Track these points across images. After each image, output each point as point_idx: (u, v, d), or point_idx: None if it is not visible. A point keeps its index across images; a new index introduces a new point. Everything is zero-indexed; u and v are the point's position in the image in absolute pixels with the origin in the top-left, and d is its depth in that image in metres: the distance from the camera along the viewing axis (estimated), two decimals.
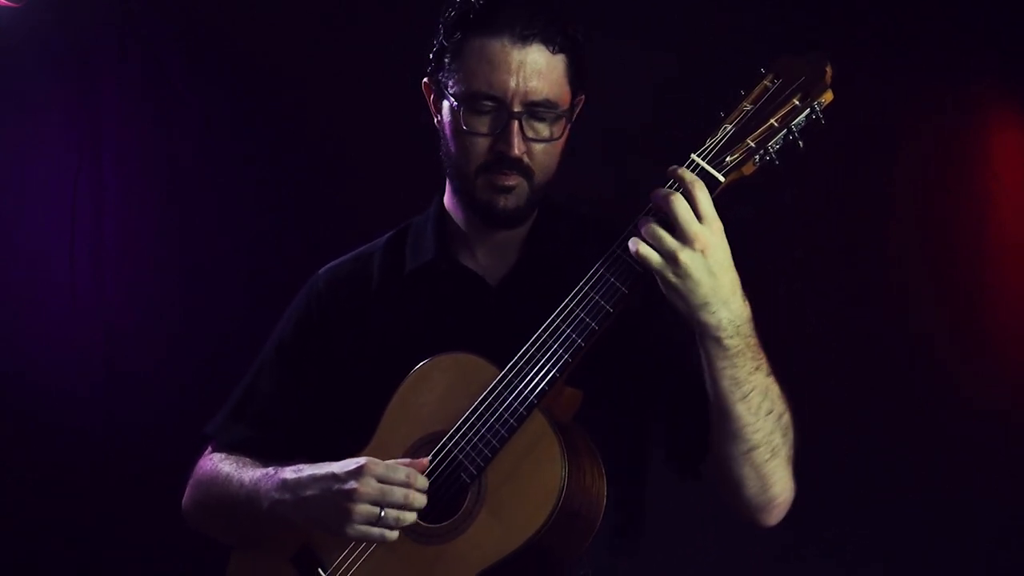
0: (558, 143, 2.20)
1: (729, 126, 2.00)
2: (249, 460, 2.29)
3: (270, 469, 2.21)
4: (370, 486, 2.04)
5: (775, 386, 2.07)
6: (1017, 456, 3.44)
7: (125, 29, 3.63)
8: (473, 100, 2.16)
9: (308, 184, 3.68)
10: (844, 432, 3.44)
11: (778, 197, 3.41)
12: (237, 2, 3.65)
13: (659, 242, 1.96)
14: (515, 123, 2.14)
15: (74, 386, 3.62)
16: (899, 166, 3.54)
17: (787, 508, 2.16)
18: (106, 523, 3.59)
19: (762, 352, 2.05)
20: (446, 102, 2.21)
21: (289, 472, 2.16)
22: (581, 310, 2.04)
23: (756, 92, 2.01)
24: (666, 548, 2.48)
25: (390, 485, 2.04)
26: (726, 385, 2.03)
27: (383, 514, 2.04)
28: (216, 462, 2.33)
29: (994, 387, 3.47)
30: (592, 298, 2.03)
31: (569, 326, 2.04)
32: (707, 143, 2.01)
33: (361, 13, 3.60)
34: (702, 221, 1.96)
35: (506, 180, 2.17)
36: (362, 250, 2.40)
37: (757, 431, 2.05)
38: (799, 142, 2.00)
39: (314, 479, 2.11)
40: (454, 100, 2.18)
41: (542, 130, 2.17)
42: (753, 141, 1.99)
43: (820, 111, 1.98)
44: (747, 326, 2.02)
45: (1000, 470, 3.44)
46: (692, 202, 1.96)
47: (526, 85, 2.14)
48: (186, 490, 2.39)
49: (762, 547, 3.28)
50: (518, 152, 2.15)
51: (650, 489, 2.32)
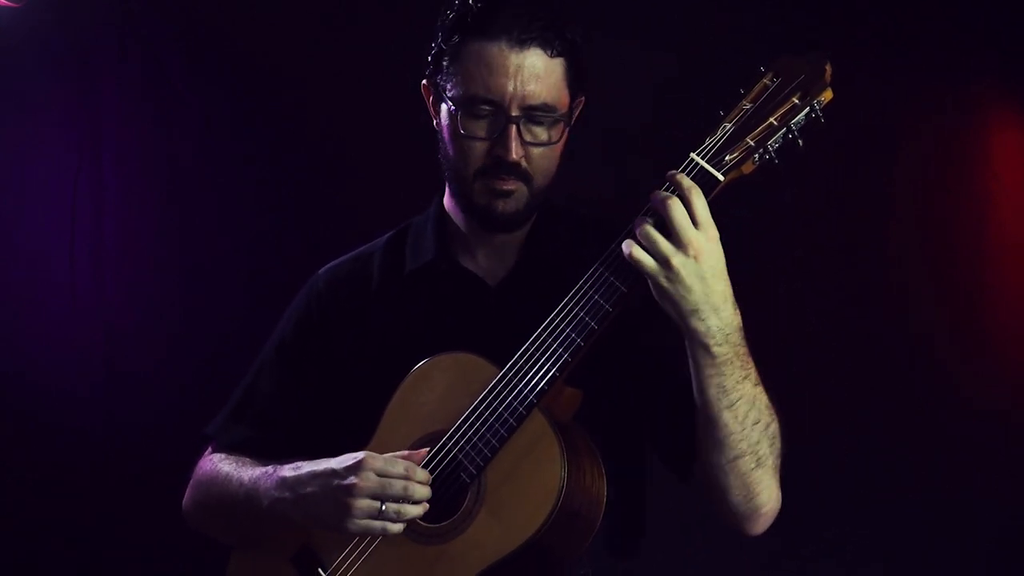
0: (557, 147, 2.19)
1: (729, 125, 2.00)
2: (249, 460, 2.29)
3: (269, 468, 2.20)
4: (369, 480, 2.04)
5: (763, 396, 2.06)
6: (1017, 456, 3.45)
7: (125, 29, 3.63)
8: (471, 104, 2.15)
9: (308, 184, 3.68)
10: (844, 432, 3.44)
11: (778, 197, 3.41)
12: (237, 2, 3.65)
13: (653, 245, 1.96)
14: (513, 127, 2.13)
15: (74, 386, 3.62)
16: (899, 166, 3.55)
17: (773, 517, 2.16)
18: (106, 523, 3.58)
19: (751, 362, 2.04)
20: (444, 105, 2.20)
21: (288, 470, 2.16)
22: (581, 310, 2.03)
23: (756, 91, 2.01)
24: (666, 548, 2.47)
25: (389, 478, 2.04)
26: (713, 393, 2.02)
27: (384, 508, 2.04)
28: (216, 462, 2.33)
29: (994, 387, 3.47)
30: (592, 298, 2.03)
31: (569, 325, 2.04)
32: (707, 142, 2.01)
33: (361, 13, 3.59)
34: (698, 227, 1.95)
35: (504, 184, 2.16)
36: (362, 250, 2.40)
37: (743, 440, 2.04)
38: (799, 141, 1.99)
39: (313, 476, 2.11)
40: (452, 104, 2.17)
41: (540, 134, 2.17)
42: (753, 140, 1.98)
43: (820, 110, 1.98)
44: (737, 335, 2.01)
45: (1000, 470, 3.44)
46: (689, 207, 1.95)
47: (524, 89, 2.12)
48: (186, 490, 2.39)
49: (762, 547, 3.26)
50: (516, 156, 2.14)
51: (650, 489, 2.31)
